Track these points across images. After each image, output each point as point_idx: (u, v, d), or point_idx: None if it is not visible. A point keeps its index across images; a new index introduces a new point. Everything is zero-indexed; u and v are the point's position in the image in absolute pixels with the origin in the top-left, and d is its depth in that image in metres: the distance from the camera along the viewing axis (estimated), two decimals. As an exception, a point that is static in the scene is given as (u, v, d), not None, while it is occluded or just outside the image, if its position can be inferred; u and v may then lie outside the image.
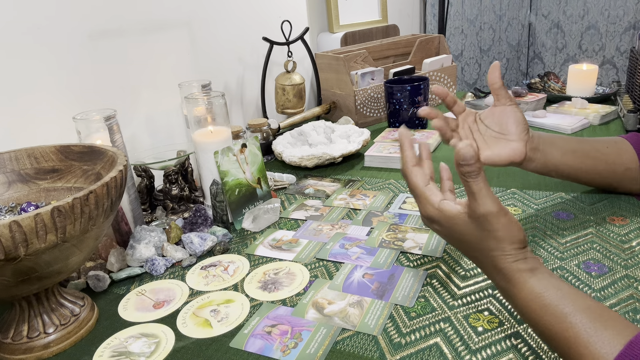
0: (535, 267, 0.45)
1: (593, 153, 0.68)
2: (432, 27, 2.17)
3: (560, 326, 0.41)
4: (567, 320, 0.40)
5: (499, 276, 0.47)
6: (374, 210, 0.82)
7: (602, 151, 0.68)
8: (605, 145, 0.68)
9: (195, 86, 0.95)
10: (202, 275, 0.68)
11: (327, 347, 0.52)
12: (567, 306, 0.41)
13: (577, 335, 0.39)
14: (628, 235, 0.66)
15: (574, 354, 0.40)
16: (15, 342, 0.55)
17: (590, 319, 0.40)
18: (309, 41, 1.35)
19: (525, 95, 1.31)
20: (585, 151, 0.68)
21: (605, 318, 0.40)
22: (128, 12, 0.94)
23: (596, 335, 0.39)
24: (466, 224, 0.48)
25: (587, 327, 0.39)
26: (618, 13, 2.40)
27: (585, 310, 0.41)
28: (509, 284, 0.46)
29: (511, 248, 0.46)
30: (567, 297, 0.42)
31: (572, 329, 0.40)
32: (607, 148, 0.68)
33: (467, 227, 0.48)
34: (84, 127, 0.71)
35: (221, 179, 0.78)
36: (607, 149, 0.68)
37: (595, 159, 0.68)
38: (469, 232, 0.48)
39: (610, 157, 0.68)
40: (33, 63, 0.80)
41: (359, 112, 1.28)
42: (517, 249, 0.46)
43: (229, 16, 1.19)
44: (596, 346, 0.38)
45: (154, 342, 0.56)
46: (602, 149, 0.68)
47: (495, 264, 0.47)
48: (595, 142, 0.69)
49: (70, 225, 0.48)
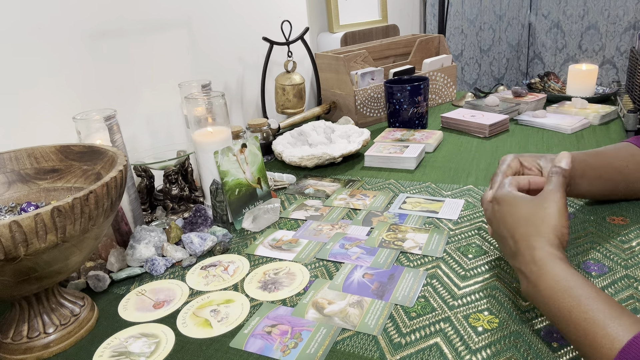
0: (564, 258, 0.48)
1: (616, 176, 0.69)
2: (432, 27, 2.17)
3: (579, 308, 0.42)
4: (587, 303, 0.42)
5: (529, 256, 0.49)
6: (374, 210, 0.82)
7: (623, 172, 0.69)
8: (625, 164, 0.69)
9: (195, 86, 0.95)
10: (202, 275, 0.68)
11: (327, 347, 0.52)
12: (589, 291, 0.43)
13: (595, 317, 0.41)
14: (628, 235, 0.66)
15: (589, 336, 0.41)
16: (15, 342, 0.55)
17: (609, 306, 0.41)
18: (309, 41, 1.35)
19: (525, 95, 1.31)
20: (610, 176, 0.69)
21: (622, 308, 0.42)
22: (128, 12, 0.94)
23: (613, 320, 0.40)
24: (528, 202, 0.53)
25: (605, 311, 0.41)
26: (618, 13, 2.40)
27: (606, 299, 0.42)
28: (537, 265, 0.47)
29: (553, 236, 0.49)
30: (589, 286, 0.44)
31: (590, 311, 0.41)
32: (627, 167, 0.69)
33: (528, 204, 0.53)
34: (84, 127, 0.71)
35: (221, 179, 0.78)
36: (627, 168, 0.69)
37: (617, 182, 0.70)
38: (527, 207, 0.53)
39: (630, 177, 0.69)
40: (33, 63, 0.80)
41: (359, 112, 1.28)
42: (558, 243, 0.49)
43: (229, 16, 1.19)
44: (612, 329, 0.40)
45: (154, 342, 0.56)
46: (623, 169, 0.69)
47: (532, 242, 0.49)
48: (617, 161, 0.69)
49: (70, 225, 0.48)
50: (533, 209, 0.52)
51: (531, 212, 0.52)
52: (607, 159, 0.68)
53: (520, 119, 1.20)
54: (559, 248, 0.48)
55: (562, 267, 0.46)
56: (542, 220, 0.50)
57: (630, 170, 0.69)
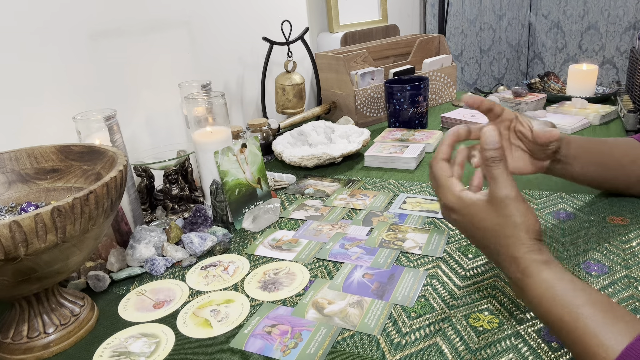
0: (549, 259, 0.46)
1: (612, 164, 0.68)
2: (432, 27, 2.17)
3: (570, 316, 0.41)
4: (578, 311, 0.41)
5: (513, 266, 0.47)
6: (374, 210, 0.82)
7: (622, 162, 0.68)
8: (624, 154, 0.68)
9: (195, 86, 0.95)
10: (202, 275, 0.68)
11: (327, 347, 0.52)
12: (579, 298, 0.42)
13: (586, 325, 0.40)
14: (628, 235, 0.66)
15: (582, 344, 0.40)
16: (15, 342, 0.55)
17: (601, 311, 0.40)
18: (309, 41, 1.35)
19: (525, 95, 1.30)
20: (606, 163, 0.68)
21: (616, 312, 0.40)
22: (128, 12, 0.94)
23: (605, 327, 0.39)
24: (485, 209, 0.49)
25: (597, 318, 0.40)
26: (618, 13, 2.40)
27: (597, 303, 0.41)
28: (523, 274, 0.46)
29: (527, 237, 0.46)
30: (579, 290, 0.42)
31: (582, 319, 0.40)
32: (627, 156, 0.68)
33: (485, 213, 0.49)
34: (84, 127, 0.71)
35: (221, 179, 0.78)
36: (627, 157, 0.68)
37: (613, 170, 0.69)
38: (487, 217, 0.49)
39: (627, 169, 0.69)
40: (33, 63, 0.80)
41: (359, 112, 1.28)
42: (532, 239, 0.46)
43: (229, 16, 1.19)
44: (604, 337, 0.39)
45: (154, 342, 0.56)
46: (622, 158, 0.68)
47: (511, 252, 0.47)
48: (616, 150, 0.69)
49: (70, 225, 0.48)
50: (496, 219, 0.48)
51: (496, 222, 0.48)
52: (606, 146, 0.68)
53: (520, 119, 1.20)
54: (539, 250, 0.46)
55: (548, 273, 0.44)
56: (513, 228, 0.47)
57: (627, 161, 0.68)
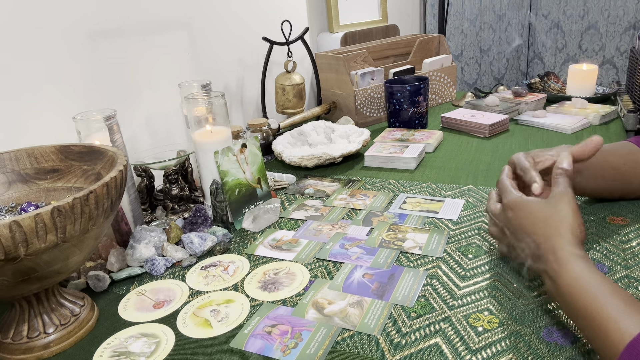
0: (585, 255, 0.49)
1: (613, 174, 0.69)
2: (432, 27, 2.17)
3: (595, 304, 0.44)
4: (603, 300, 0.44)
5: (551, 256, 0.50)
6: (374, 210, 0.82)
7: (620, 170, 0.69)
8: (623, 162, 0.69)
9: (195, 86, 0.95)
10: (202, 275, 0.68)
11: (327, 347, 0.52)
12: (606, 289, 0.45)
13: (609, 313, 0.43)
14: (628, 235, 0.66)
15: (602, 330, 0.43)
16: (15, 342, 0.55)
17: (624, 303, 0.43)
18: (309, 41, 1.35)
19: (525, 95, 1.31)
20: (607, 174, 0.69)
21: (637, 305, 0.43)
22: (128, 12, 0.94)
23: (626, 315, 0.42)
24: (542, 205, 0.54)
25: (619, 308, 0.43)
26: (618, 13, 2.40)
27: (621, 297, 0.44)
28: (557, 263, 0.49)
29: (572, 236, 0.50)
30: (607, 283, 0.45)
31: (605, 307, 0.43)
32: (625, 165, 0.69)
33: (542, 208, 0.54)
34: (84, 127, 0.71)
35: (221, 179, 0.78)
36: (625, 165, 0.69)
37: (614, 180, 0.70)
38: (542, 210, 0.54)
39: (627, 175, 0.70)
40: (33, 63, 0.80)
41: (359, 112, 1.28)
42: (577, 242, 0.50)
43: (228, 16, 1.19)
44: (623, 323, 0.42)
45: (154, 342, 0.56)
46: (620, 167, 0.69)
47: (552, 243, 0.51)
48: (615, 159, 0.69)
49: (70, 225, 0.48)
50: (548, 212, 0.53)
51: (547, 215, 0.53)
52: (605, 156, 0.68)
53: (520, 119, 1.20)
54: (579, 246, 0.50)
55: (582, 266, 0.47)
56: (560, 222, 0.52)
57: (627, 168, 0.69)
